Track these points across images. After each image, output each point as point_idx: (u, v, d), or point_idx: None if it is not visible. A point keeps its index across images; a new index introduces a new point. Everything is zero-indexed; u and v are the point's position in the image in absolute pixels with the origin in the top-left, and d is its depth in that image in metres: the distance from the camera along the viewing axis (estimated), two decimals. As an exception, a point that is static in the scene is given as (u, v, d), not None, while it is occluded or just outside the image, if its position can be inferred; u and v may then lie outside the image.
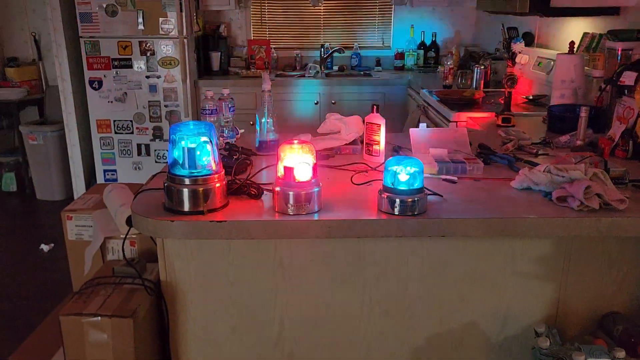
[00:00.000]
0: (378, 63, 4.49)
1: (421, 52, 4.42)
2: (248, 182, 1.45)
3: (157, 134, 3.84)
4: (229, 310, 1.64)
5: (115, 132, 3.84)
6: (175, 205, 1.33)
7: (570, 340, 1.60)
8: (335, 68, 4.38)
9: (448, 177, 1.58)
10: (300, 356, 1.70)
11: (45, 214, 3.96)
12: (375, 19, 4.53)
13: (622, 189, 1.45)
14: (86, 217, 1.93)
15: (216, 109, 1.92)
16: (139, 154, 3.88)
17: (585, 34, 2.60)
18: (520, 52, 3.03)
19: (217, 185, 1.34)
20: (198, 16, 4.04)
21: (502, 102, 2.40)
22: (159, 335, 1.62)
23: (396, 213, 1.32)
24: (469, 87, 3.20)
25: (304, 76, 4.14)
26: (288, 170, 1.29)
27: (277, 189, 1.32)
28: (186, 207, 1.32)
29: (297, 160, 1.28)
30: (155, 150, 3.87)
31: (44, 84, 4.42)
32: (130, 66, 3.71)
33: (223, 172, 1.37)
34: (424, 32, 4.43)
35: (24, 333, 2.38)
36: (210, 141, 1.32)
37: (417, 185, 1.32)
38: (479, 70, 3.13)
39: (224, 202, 1.37)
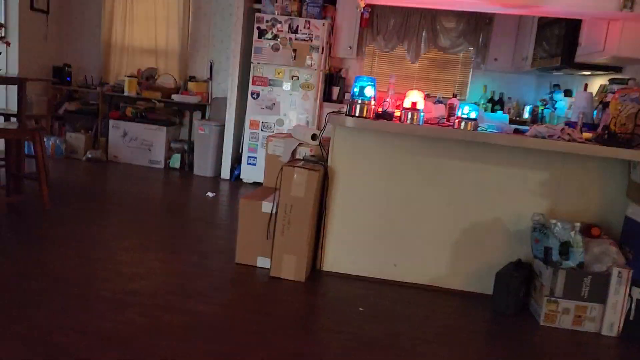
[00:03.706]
0: (456, 109, 5.87)
1: (489, 105, 5.77)
2: (384, 112, 2.85)
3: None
4: (360, 184, 3.01)
5: (261, 130, 5.43)
6: (353, 113, 2.75)
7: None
8: (422, 108, 5.80)
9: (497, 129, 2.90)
10: (400, 224, 3.00)
11: (201, 182, 5.51)
12: (456, 77, 5.99)
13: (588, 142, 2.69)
14: (279, 141, 3.38)
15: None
16: (274, 148, 5.41)
17: (600, 85, 3.87)
18: (560, 100, 4.35)
19: (373, 107, 2.75)
20: (329, 59, 5.66)
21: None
22: (322, 189, 2.99)
23: (462, 128, 2.65)
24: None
25: (398, 110, 5.58)
26: (412, 104, 2.69)
27: (403, 111, 2.71)
28: (357, 113, 2.73)
29: (416, 97, 2.68)
30: (286, 147, 5.37)
31: (210, 95, 6.17)
32: (281, 85, 5.34)
33: (375, 103, 2.78)
34: (494, 91, 5.80)
35: (217, 232, 3.79)
36: (373, 86, 2.75)
37: (475, 116, 2.66)
38: (529, 108, 4.44)
39: (373, 117, 2.77)
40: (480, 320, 2.70)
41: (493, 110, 5.72)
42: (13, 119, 4.47)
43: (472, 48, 5.81)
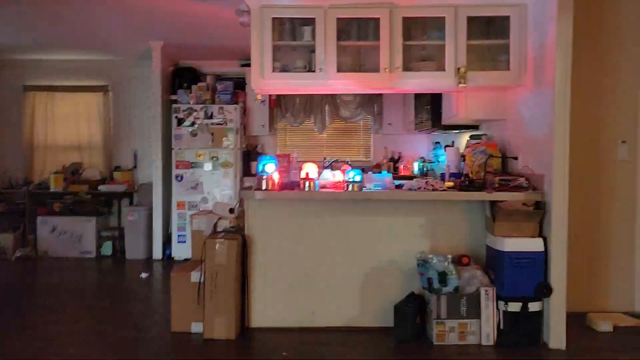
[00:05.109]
0: (363, 171, 6.60)
1: (391, 163, 6.57)
2: (288, 183, 3.43)
3: (215, 211, 5.83)
4: (274, 245, 3.51)
5: (188, 209, 5.85)
6: (261, 187, 3.30)
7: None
8: (333, 173, 6.49)
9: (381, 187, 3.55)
10: (313, 276, 3.51)
11: (135, 264, 5.77)
12: (360, 142, 6.79)
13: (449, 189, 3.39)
14: (201, 217, 3.85)
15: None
16: (202, 224, 5.83)
17: (467, 141, 4.71)
18: (441, 155, 5.16)
19: (277, 181, 3.32)
20: (244, 138, 6.28)
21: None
22: (242, 254, 3.47)
23: (349, 189, 3.27)
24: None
25: (312, 176, 6.23)
26: (306, 174, 3.29)
27: (302, 181, 3.31)
28: (263, 187, 3.29)
29: (310, 168, 3.29)
30: (212, 222, 5.81)
31: (136, 182, 6.54)
32: (202, 166, 5.85)
33: (279, 176, 3.36)
34: (393, 151, 6.63)
35: (153, 307, 4.12)
36: (274, 163, 3.33)
37: (359, 180, 3.30)
38: (417, 165, 5.23)
39: (279, 189, 3.34)
40: (386, 349, 3.20)
41: (395, 168, 6.52)
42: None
43: (369, 116, 6.66)
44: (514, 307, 3.17)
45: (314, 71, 3.58)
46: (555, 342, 3.16)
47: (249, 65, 6.40)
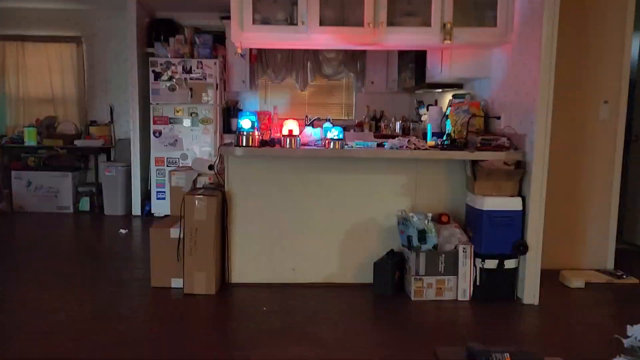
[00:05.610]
0: (346, 129, 6.55)
1: (373, 122, 6.53)
2: (269, 139, 3.38)
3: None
4: (255, 202, 3.49)
5: (167, 166, 5.76)
6: (240, 143, 3.24)
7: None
8: (315, 131, 6.42)
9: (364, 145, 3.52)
10: (293, 233, 3.51)
11: (114, 220, 5.71)
12: (342, 100, 6.71)
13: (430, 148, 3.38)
14: (180, 174, 3.79)
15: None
16: (181, 181, 5.75)
17: (449, 100, 4.68)
18: (424, 114, 5.13)
19: (257, 136, 3.26)
20: (225, 94, 6.14)
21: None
22: (222, 211, 3.44)
23: (331, 147, 3.24)
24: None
25: (293, 134, 6.15)
26: (289, 131, 3.23)
27: (284, 138, 3.25)
28: (244, 144, 3.23)
29: (292, 125, 3.23)
30: (192, 178, 5.74)
31: (113, 138, 6.39)
32: (181, 122, 5.73)
33: (258, 132, 3.30)
34: (375, 109, 6.57)
35: (132, 263, 4.08)
36: (255, 119, 3.26)
37: (339, 136, 3.26)
38: (399, 124, 5.20)
39: (258, 145, 3.28)
40: (364, 304, 3.26)
41: (377, 128, 6.47)
42: None
43: (352, 74, 6.56)
44: (491, 264, 3.24)
45: (295, 24, 3.47)
46: (529, 297, 3.24)
47: (229, 18, 6.22)
